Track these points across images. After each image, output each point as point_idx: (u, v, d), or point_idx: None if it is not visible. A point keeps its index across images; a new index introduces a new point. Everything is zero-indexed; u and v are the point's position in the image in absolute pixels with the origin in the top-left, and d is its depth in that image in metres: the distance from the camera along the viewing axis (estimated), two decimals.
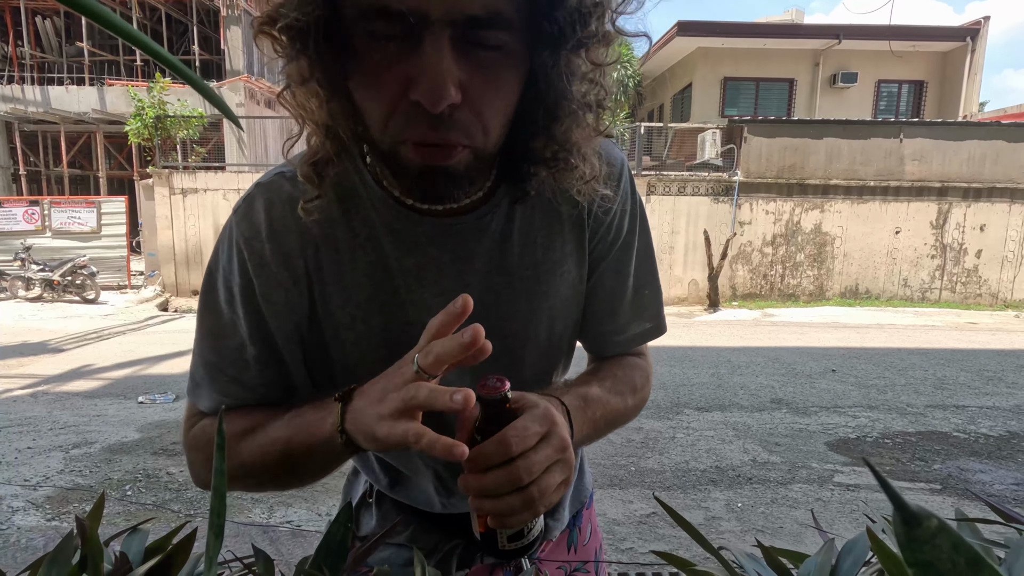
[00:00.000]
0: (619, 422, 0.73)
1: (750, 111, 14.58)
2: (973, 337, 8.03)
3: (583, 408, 0.64)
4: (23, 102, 13.92)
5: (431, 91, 0.47)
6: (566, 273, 0.69)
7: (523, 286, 0.67)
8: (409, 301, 0.64)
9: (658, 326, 0.79)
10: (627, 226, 0.72)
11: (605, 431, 0.70)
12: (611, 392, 0.71)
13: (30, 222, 11.02)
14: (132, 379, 5.38)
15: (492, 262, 0.66)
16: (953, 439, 4.06)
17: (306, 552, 0.59)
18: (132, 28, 0.27)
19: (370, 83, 0.51)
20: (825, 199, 10.52)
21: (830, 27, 14.58)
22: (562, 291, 0.70)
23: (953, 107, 14.63)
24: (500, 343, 0.60)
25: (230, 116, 0.32)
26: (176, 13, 15.78)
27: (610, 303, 0.74)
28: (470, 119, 0.51)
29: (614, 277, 0.73)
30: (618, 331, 0.76)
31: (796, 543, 2.73)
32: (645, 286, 0.76)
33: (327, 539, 0.55)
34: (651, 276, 0.77)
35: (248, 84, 13.53)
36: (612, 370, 0.76)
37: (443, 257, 0.64)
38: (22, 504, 2.96)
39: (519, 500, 0.51)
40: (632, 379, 0.76)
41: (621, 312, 0.75)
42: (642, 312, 0.77)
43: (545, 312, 0.69)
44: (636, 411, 0.76)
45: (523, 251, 0.67)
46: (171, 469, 3.40)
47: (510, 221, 0.66)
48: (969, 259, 10.73)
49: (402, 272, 0.63)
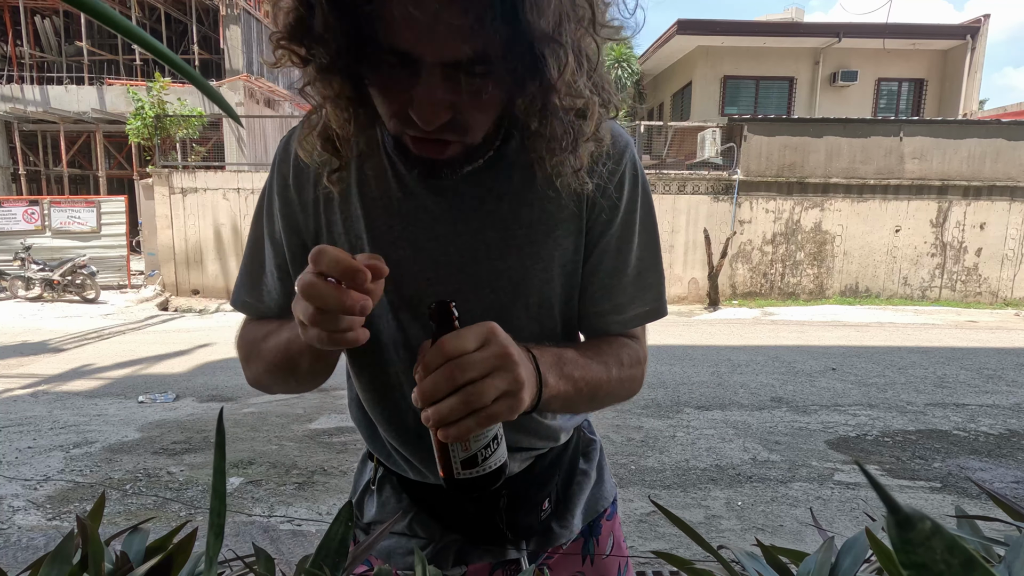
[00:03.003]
0: (603, 391, 0.71)
1: (750, 109, 14.58)
2: (973, 335, 8.03)
3: (556, 363, 0.64)
4: (22, 102, 13.92)
5: (423, 116, 0.56)
6: (560, 238, 0.71)
7: (515, 243, 0.70)
8: (402, 238, 0.71)
9: (658, 308, 0.79)
10: (627, 204, 0.72)
11: (587, 397, 0.69)
12: (591, 359, 0.70)
13: (30, 222, 11.02)
14: (132, 379, 5.38)
15: (487, 217, 0.70)
16: (953, 437, 4.07)
17: (306, 551, 0.59)
18: (135, 26, 0.27)
19: (381, 91, 0.59)
20: (825, 197, 10.52)
21: (830, 25, 14.58)
22: (556, 256, 0.72)
23: (953, 105, 14.62)
24: (490, 296, 0.71)
25: (231, 113, 0.32)
26: (175, 12, 15.77)
27: (609, 281, 0.75)
28: (460, 126, 0.59)
29: (615, 256, 0.74)
30: (616, 310, 0.76)
31: (796, 542, 2.73)
32: (648, 268, 0.76)
33: (327, 538, 0.55)
34: (654, 258, 0.77)
35: (247, 83, 13.52)
36: (596, 343, 0.77)
37: (441, 205, 0.70)
38: (23, 503, 2.97)
39: (457, 400, 0.53)
40: (618, 354, 0.75)
41: (620, 291, 0.75)
42: (643, 293, 0.77)
43: (537, 274, 0.71)
44: (624, 388, 0.75)
45: (518, 209, 0.70)
46: (171, 468, 3.40)
47: (508, 180, 0.70)
48: (969, 257, 10.72)
49: (400, 213, 0.70)
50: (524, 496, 0.82)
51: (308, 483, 3.23)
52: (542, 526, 0.85)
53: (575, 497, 0.88)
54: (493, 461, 0.60)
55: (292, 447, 3.73)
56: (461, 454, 0.59)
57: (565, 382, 0.65)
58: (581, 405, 0.71)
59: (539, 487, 0.83)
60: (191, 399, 4.74)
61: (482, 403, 0.54)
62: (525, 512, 0.82)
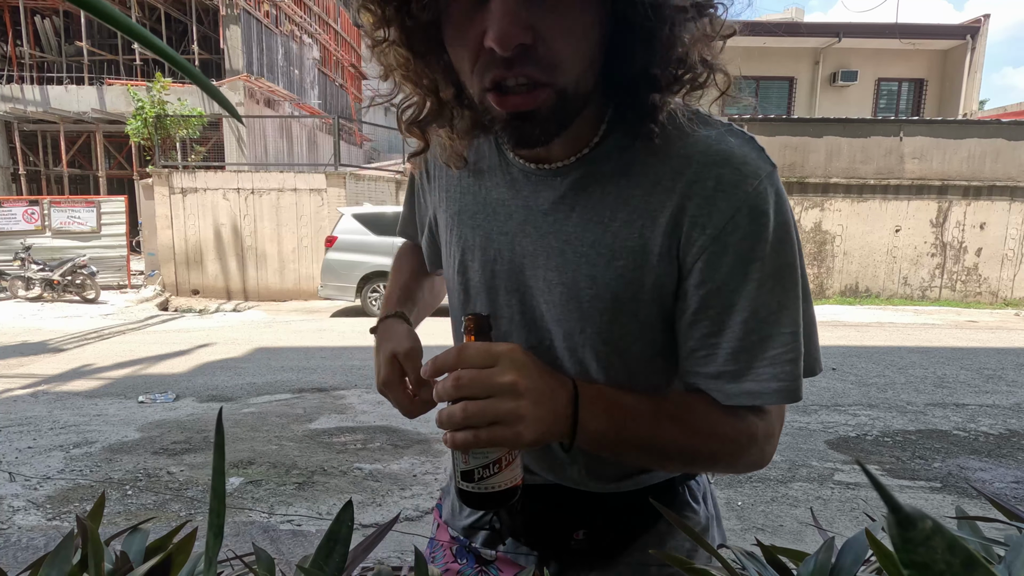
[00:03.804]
0: (663, 451, 0.63)
1: (750, 109, 14.57)
2: (973, 335, 8.03)
3: (599, 400, 0.60)
4: (22, 102, 13.92)
5: (497, 35, 0.50)
6: (625, 271, 0.63)
7: (573, 260, 0.65)
8: (480, 227, 0.71)
9: (785, 390, 0.61)
10: (739, 247, 0.59)
11: (636, 448, 0.62)
12: (656, 412, 0.62)
13: (30, 222, 11.02)
14: (132, 379, 5.38)
15: (553, 224, 0.66)
16: (953, 437, 4.07)
17: (306, 551, 0.59)
18: (136, 24, 0.27)
19: (458, 42, 0.55)
20: (825, 197, 10.52)
21: (830, 25, 14.58)
22: (618, 289, 0.63)
23: (953, 105, 14.62)
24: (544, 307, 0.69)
25: (232, 111, 0.32)
26: (175, 12, 15.76)
27: (706, 343, 0.62)
28: (546, 57, 0.52)
29: (717, 313, 0.61)
30: (720, 379, 0.62)
31: (796, 542, 2.73)
32: (770, 337, 0.60)
33: (327, 538, 0.55)
34: (785, 324, 0.60)
35: (247, 83, 13.52)
36: (682, 398, 0.66)
37: (516, 201, 0.68)
38: (23, 504, 2.97)
39: (455, 411, 0.55)
40: (710, 419, 0.63)
41: (721, 359, 0.62)
42: (759, 368, 0.61)
43: (591, 301, 0.65)
44: (705, 458, 0.64)
45: (586, 225, 0.64)
46: (171, 468, 3.40)
47: (583, 191, 0.64)
48: (969, 257, 10.72)
49: (485, 203, 0.71)
50: (544, 515, 0.78)
51: (308, 483, 3.23)
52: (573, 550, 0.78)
53: (628, 544, 0.77)
54: (493, 483, 0.59)
55: (292, 447, 3.73)
56: (460, 465, 0.60)
57: (606, 422, 0.60)
58: (637, 458, 0.66)
59: (566, 513, 0.77)
60: (191, 399, 4.74)
61: (474, 423, 0.54)
62: (547, 530, 0.78)
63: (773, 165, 0.61)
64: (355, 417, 4.32)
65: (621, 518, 0.76)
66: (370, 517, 2.86)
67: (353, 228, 8.75)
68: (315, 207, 10.51)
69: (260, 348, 6.74)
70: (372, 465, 3.48)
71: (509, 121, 0.56)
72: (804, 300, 0.62)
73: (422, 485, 3.22)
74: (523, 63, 0.52)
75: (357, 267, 8.74)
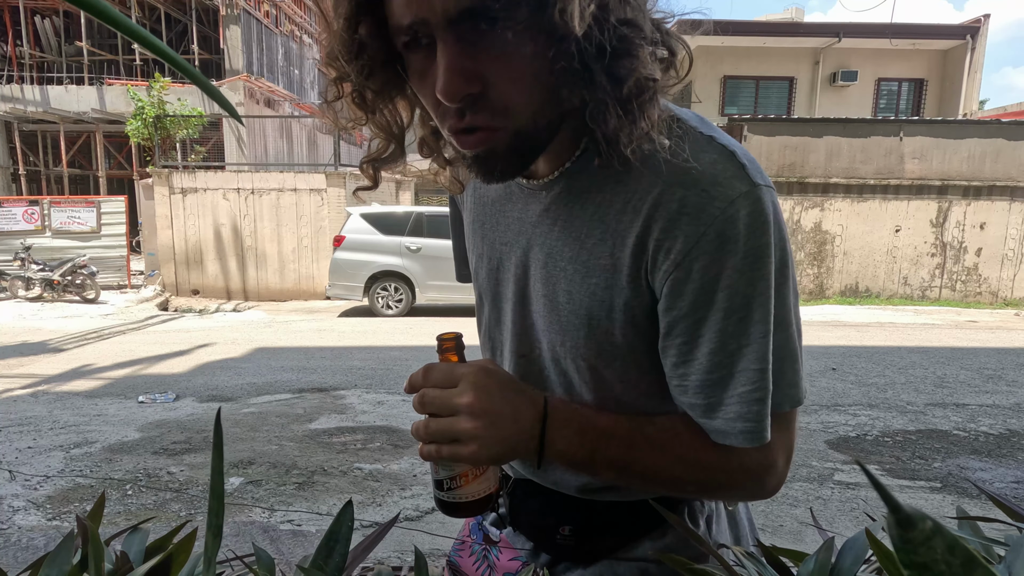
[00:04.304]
0: (643, 476, 0.63)
1: (750, 109, 14.58)
2: (973, 335, 8.03)
3: (571, 421, 0.61)
4: (22, 102, 13.93)
5: (443, 89, 0.51)
6: (597, 289, 0.62)
7: (555, 274, 0.65)
8: (487, 236, 0.74)
9: (753, 431, 0.58)
10: (703, 273, 0.56)
11: (613, 471, 0.62)
12: (634, 436, 0.62)
13: (30, 222, 11.02)
14: (132, 379, 5.38)
15: (539, 236, 0.66)
16: (953, 437, 4.07)
17: (306, 551, 0.59)
18: (136, 25, 0.27)
19: (419, 90, 0.57)
20: (825, 197, 10.52)
21: (830, 25, 14.59)
22: (592, 308, 0.63)
23: (953, 105, 14.62)
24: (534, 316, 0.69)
25: (231, 111, 0.32)
26: (175, 12, 15.77)
27: (678, 372, 0.61)
28: (498, 101, 0.53)
29: (683, 342, 0.59)
30: (688, 407, 0.62)
31: (796, 542, 2.73)
32: (738, 373, 0.57)
33: (327, 538, 0.55)
34: (750, 352, 0.57)
35: (247, 83, 13.52)
36: (669, 423, 0.63)
37: (513, 213, 0.70)
38: (23, 504, 2.97)
39: (422, 426, 0.59)
40: (694, 446, 0.61)
41: (687, 386, 0.60)
42: (723, 396, 0.58)
43: (568, 317, 0.65)
44: (692, 485, 0.64)
45: (565, 240, 0.64)
46: (171, 468, 3.40)
47: (564, 206, 0.64)
48: (969, 257, 10.73)
49: (491, 214, 0.74)
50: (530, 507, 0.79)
51: (308, 483, 3.23)
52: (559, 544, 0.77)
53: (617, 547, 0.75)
54: (461, 494, 0.62)
55: (292, 447, 3.73)
56: (432, 474, 0.64)
57: (584, 450, 0.60)
58: (618, 480, 0.66)
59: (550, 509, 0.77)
60: (191, 399, 4.74)
61: (436, 439, 0.58)
62: (533, 519, 0.79)
63: (755, 183, 0.55)
64: (355, 417, 4.32)
65: (606, 520, 0.74)
66: (370, 517, 2.86)
67: (361, 228, 8.81)
68: (315, 207, 10.52)
69: (260, 348, 6.75)
70: (372, 465, 3.48)
71: (473, 159, 0.57)
72: (783, 330, 0.59)
73: (422, 485, 3.22)
74: (475, 110, 0.53)
75: (365, 266, 8.80)
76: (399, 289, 8.94)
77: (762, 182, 0.56)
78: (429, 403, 0.59)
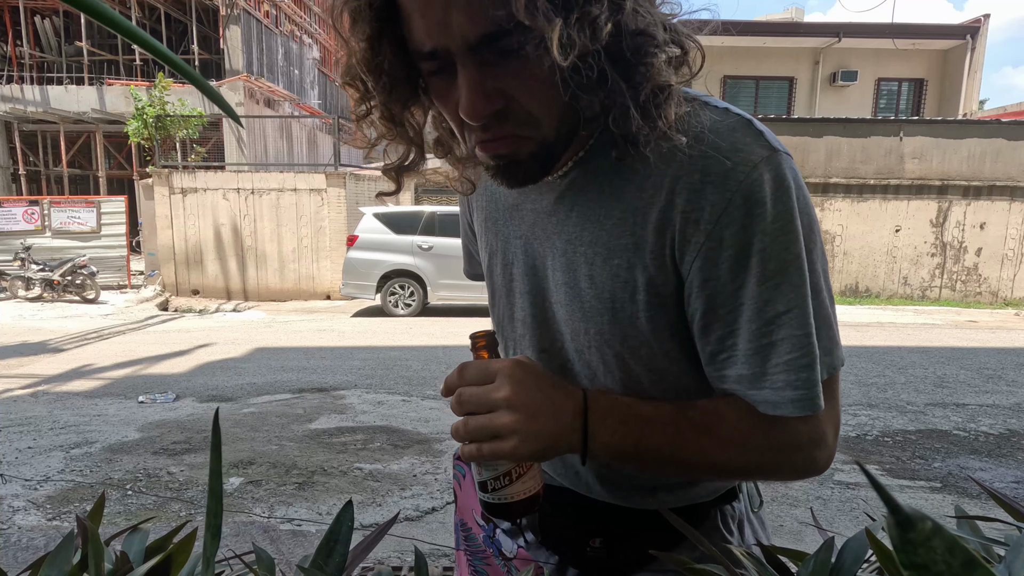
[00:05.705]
0: (689, 463, 0.61)
1: (750, 109, 14.57)
2: (973, 335, 8.03)
3: (613, 411, 0.59)
4: (22, 102, 13.92)
5: (468, 111, 0.53)
6: (620, 270, 0.61)
7: (576, 260, 0.64)
8: (500, 232, 0.74)
9: (805, 399, 0.57)
10: (734, 243, 0.56)
11: (658, 460, 0.61)
12: (678, 422, 0.60)
13: (30, 222, 11.03)
14: (132, 379, 5.38)
15: (556, 225, 0.66)
16: (953, 437, 4.07)
17: (306, 551, 0.59)
18: (134, 26, 0.27)
19: (442, 108, 0.58)
20: (825, 197, 10.52)
21: (830, 25, 14.59)
22: (616, 291, 0.62)
23: (953, 105, 14.62)
24: (555, 307, 0.69)
25: (230, 113, 0.32)
26: (175, 12, 15.77)
27: (720, 347, 0.60)
28: (522, 113, 0.55)
29: (724, 315, 0.58)
30: (735, 381, 0.60)
31: (796, 542, 2.73)
32: (778, 331, 0.56)
33: (327, 538, 0.55)
34: (793, 319, 0.56)
35: (247, 83, 13.52)
36: (712, 406, 0.62)
37: (526, 205, 0.70)
38: (23, 504, 2.97)
39: (460, 425, 0.59)
40: (741, 428, 0.60)
41: (736, 357, 0.59)
42: (767, 366, 0.57)
43: (593, 303, 0.64)
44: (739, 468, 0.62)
45: (584, 224, 0.63)
46: (171, 469, 3.40)
47: (580, 191, 0.64)
48: (969, 257, 10.73)
49: (503, 209, 0.73)
50: (561, 519, 0.78)
51: (308, 483, 3.23)
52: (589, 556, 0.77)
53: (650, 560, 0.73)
54: (507, 494, 0.60)
55: (292, 447, 3.73)
56: (476, 476, 0.62)
57: (629, 440, 0.59)
58: (662, 470, 0.65)
59: (582, 520, 0.76)
60: (191, 399, 4.74)
61: (476, 437, 0.57)
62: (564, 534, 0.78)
63: (774, 149, 0.56)
64: (355, 417, 4.32)
65: (640, 532, 0.73)
66: (370, 517, 2.86)
67: (374, 227, 8.86)
68: (315, 207, 10.52)
69: (260, 348, 6.75)
70: (372, 465, 3.48)
71: (496, 168, 0.59)
72: (815, 295, 0.57)
73: (422, 485, 3.22)
74: (501, 124, 0.55)
75: (377, 265, 8.85)
76: (411, 288, 8.96)
77: (781, 148, 0.57)
78: (466, 401, 0.58)
